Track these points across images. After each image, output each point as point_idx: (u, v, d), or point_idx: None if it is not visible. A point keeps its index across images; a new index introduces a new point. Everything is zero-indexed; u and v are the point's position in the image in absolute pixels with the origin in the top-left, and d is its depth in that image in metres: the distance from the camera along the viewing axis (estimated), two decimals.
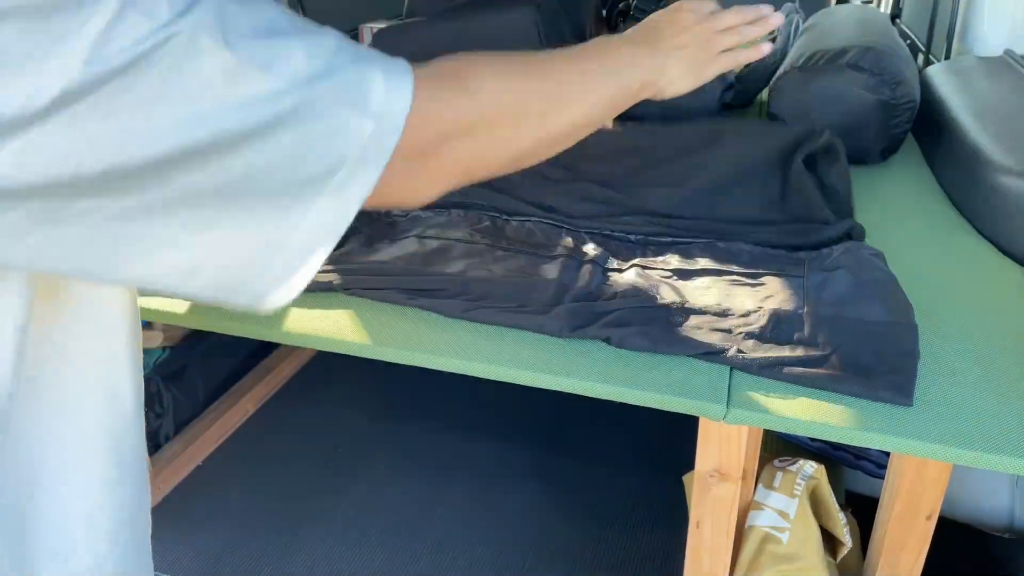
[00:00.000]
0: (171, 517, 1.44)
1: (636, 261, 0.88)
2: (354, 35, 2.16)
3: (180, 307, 0.84)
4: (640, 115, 1.28)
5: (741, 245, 0.90)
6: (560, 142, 0.54)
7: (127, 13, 0.33)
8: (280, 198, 0.37)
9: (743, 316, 0.77)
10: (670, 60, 0.65)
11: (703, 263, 0.87)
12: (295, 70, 0.37)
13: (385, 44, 1.33)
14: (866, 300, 0.77)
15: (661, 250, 0.91)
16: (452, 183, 0.46)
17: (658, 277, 0.85)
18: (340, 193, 0.39)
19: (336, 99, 0.38)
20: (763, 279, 0.83)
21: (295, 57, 0.37)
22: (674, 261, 0.88)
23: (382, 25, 1.60)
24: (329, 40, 0.39)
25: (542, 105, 0.51)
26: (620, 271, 0.87)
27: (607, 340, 0.75)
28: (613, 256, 0.89)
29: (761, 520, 0.86)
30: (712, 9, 0.71)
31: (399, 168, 0.41)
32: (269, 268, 0.39)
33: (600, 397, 0.71)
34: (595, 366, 0.73)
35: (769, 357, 0.71)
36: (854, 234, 0.91)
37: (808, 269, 0.83)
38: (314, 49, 0.38)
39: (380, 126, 0.39)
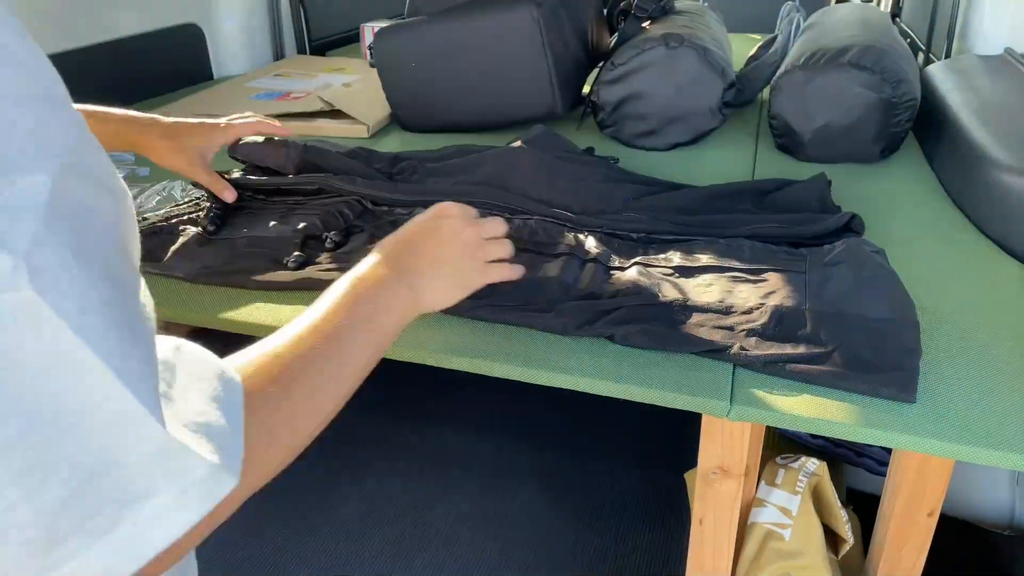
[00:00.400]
0: None
1: (638, 259, 0.88)
2: (355, 35, 2.17)
3: (182, 305, 0.85)
4: (643, 114, 1.29)
5: (742, 242, 0.90)
6: (332, 416, 0.50)
7: None
8: (55, 522, 0.31)
9: (745, 313, 0.77)
10: (427, 279, 0.63)
11: (705, 260, 0.87)
12: (143, 378, 0.32)
13: (386, 43, 1.33)
14: (868, 297, 0.77)
15: (663, 248, 0.91)
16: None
17: (660, 275, 0.85)
18: (136, 532, 0.33)
19: (173, 425, 0.33)
20: (765, 276, 0.83)
21: (150, 363, 0.33)
22: (676, 258, 0.88)
23: (383, 24, 1.60)
24: (187, 356, 0.36)
25: (312, 418, 0.47)
26: (622, 269, 0.87)
27: (611, 338, 0.75)
28: (615, 254, 0.90)
29: (764, 517, 0.86)
30: (475, 216, 0.69)
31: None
32: None
33: (605, 395, 0.72)
34: (600, 364, 0.73)
35: (772, 354, 0.71)
36: (854, 224, 0.92)
37: (809, 265, 0.84)
38: (170, 361, 0.34)
39: (220, 469, 0.35)
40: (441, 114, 1.37)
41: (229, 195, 0.99)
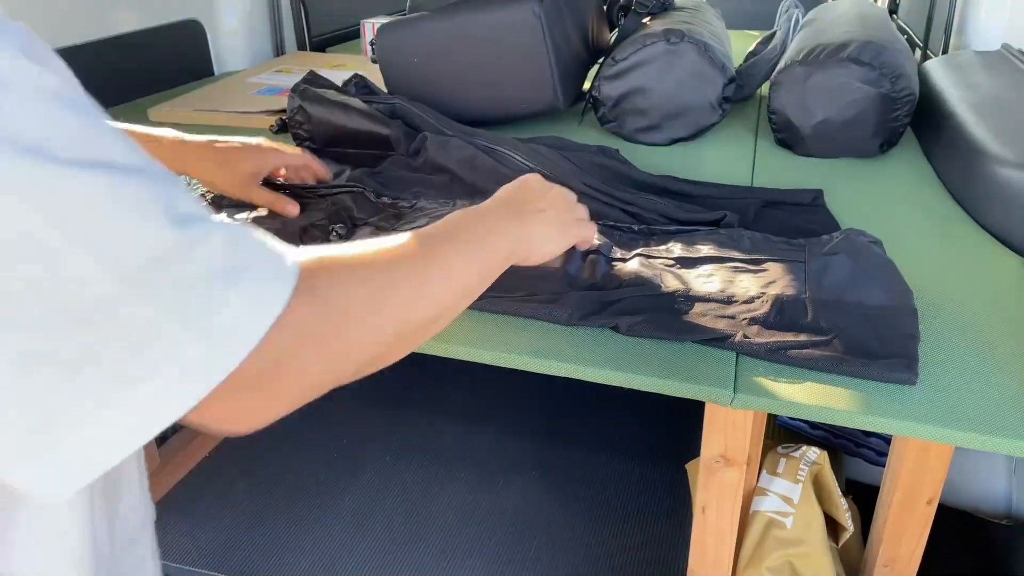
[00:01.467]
0: (178, 508, 1.45)
1: (640, 250, 0.89)
2: (355, 31, 2.17)
3: None
4: (643, 109, 1.30)
5: (742, 232, 0.91)
6: (427, 328, 0.49)
7: None
8: (58, 395, 0.32)
9: (746, 303, 0.78)
10: (535, 226, 0.63)
11: (705, 251, 0.88)
12: (130, 260, 0.32)
13: (388, 40, 1.34)
14: (867, 285, 0.78)
15: (664, 239, 0.92)
16: (295, 404, 0.40)
17: (662, 266, 0.86)
18: (136, 411, 0.33)
19: (167, 308, 0.33)
20: (765, 265, 0.84)
21: (139, 246, 0.32)
22: (677, 249, 0.89)
23: (384, 20, 1.60)
24: (203, 237, 0.34)
25: (402, 296, 0.45)
26: (624, 260, 0.88)
27: (615, 328, 0.76)
28: (617, 246, 0.91)
29: (765, 505, 0.87)
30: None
31: (230, 394, 0.35)
32: (26, 465, 0.33)
33: (609, 383, 0.73)
34: (604, 353, 0.74)
35: (774, 342, 0.72)
36: (819, 199, 1.05)
37: (808, 255, 0.85)
38: (172, 244, 0.33)
39: (213, 353, 0.34)
40: (443, 109, 1.37)
41: (292, 209, 0.98)
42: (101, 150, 0.33)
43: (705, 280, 0.83)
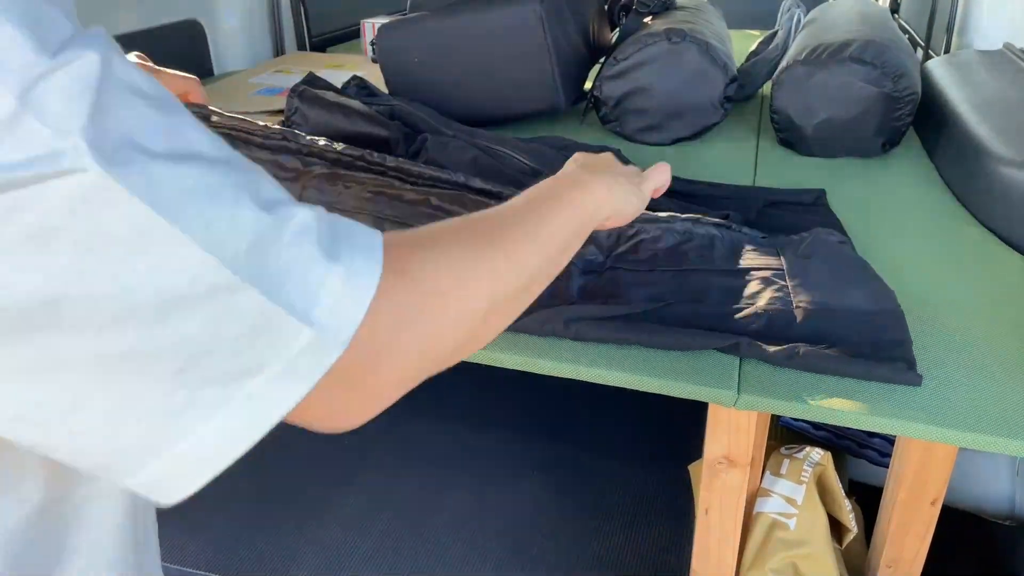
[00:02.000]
0: (179, 509, 1.44)
1: (612, 264, 0.87)
2: (355, 31, 2.17)
3: None
4: (645, 108, 1.29)
5: (713, 236, 0.88)
6: (519, 297, 0.48)
7: (22, 120, 0.26)
8: (172, 393, 0.31)
9: (736, 313, 0.78)
10: (614, 183, 0.63)
11: (684, 261, 0.86)
12: (233, 247, 0.31)
13: (389, 39, 1.34)
14: (848, 289, 0.77)
15: (636, 248, 0.89)
16: (399, 390, 0.39)
17: (643, 281, 0.85)
18: (250, 405, 0.32)
19: (272, 294, 0.31)
20: (746, 276, 0.83)
21: (239, 232, 0.31)
22: (649, 256, 0.87)
23: (383, 20, 1.60)
24: (293, 220, 0.33)
25: (491, 265, 0.44)
26: (599, 273, 0.86)
27: (615, 342, 0.75)
28: (591, 258, 0.89)
29: (769, 506, 0.87)
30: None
31: (332, 385, 0.34)
32: (143, 469, 0.32)
33: (613, 384, 0.72)
34: (607, 354, 0.74)
35: (775, 351, 0.71)
36: (822, 199, 1.04)
37: (786, 261, 0.83)
38: (268, 228, 0.32)
39: (321, 337, 0.33)
40: (444, 109, 1.37)
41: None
42: (190, 142, 0.32)
43: (690, 290, 0.82)
